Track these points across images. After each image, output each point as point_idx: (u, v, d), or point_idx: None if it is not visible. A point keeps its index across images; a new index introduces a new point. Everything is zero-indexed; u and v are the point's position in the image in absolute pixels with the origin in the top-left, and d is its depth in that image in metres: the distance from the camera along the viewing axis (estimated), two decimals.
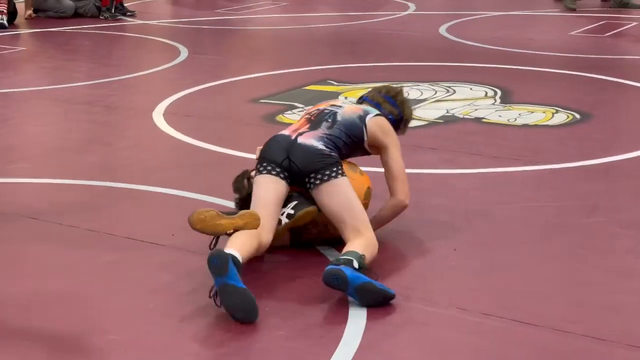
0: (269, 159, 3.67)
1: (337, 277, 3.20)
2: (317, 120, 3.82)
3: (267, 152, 3.70)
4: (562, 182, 4.66)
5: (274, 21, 10.60)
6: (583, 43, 8.85)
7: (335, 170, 3.62)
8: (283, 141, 3.71)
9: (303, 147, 3.66)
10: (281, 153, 3.66)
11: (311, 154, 3.64)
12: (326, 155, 3.65)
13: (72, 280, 3.50)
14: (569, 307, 3.22)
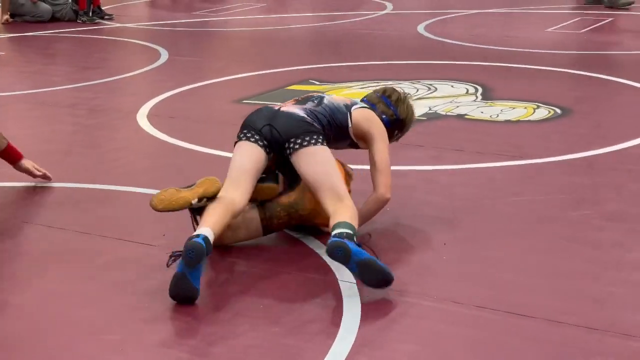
0: (249, 125, 3.72)
1: (341, 249, 3.23)
2: (303, 99, 3.89)
3: (249, 119, 3.76)
4: (546, 176, 4.72)
5: (253, 22, 10.62)
6: (560, 39, 8.95)
7: (315, 138, 3.64)
8: (265, 110, 3.78)
9: (285, 114, 3.73)
10: (262, 120, 3.71)
11: (293, 119, 3.68)
12: (308, 123, 3.68)
13: (66, 282, 3.50)
14: (560, 298, 3.27)
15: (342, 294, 3.32)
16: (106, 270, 3.60)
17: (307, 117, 3.71)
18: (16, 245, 3.93)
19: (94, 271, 3.59)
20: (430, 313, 3.18)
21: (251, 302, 3.29)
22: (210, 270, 3.55)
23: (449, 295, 3.30)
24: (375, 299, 3.29)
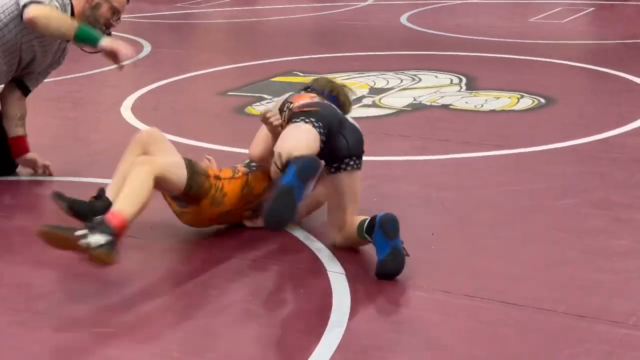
0: (326, 119, 3.48)
1: (394, 223, 3.36)
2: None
3: (324, 111, 3.53)
4: (532, 165, 4.74)
5: (235, 14, 10.59)
6: (543, 29, 8.97)
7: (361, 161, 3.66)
8: (336, 112, 3.62)
9: (354, 127, 3.65)
10: (336, 120, 3.55)
11: (359, 137, 3.65)
12: (363, 143, 3.68)
13: (60, 275, 3.49)
14: (549, 286, 3.28)
15: (332, 284, 3.32)
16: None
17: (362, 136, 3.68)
18: (6, 237, 3.91)
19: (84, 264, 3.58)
20: (420, 303, 3.19)
21: (241, 293, 3.29)
22: (198, 261, 3.54)
23: (439, 285, 3.30)
24: (365, 290, 3.29)
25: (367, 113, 5.84)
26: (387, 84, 6.64)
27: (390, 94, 6.32)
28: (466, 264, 3.51)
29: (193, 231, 3.82)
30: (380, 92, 6.39)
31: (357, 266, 3.49)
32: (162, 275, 3.47)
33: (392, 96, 6.27)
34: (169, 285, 3.39)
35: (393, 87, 6.54)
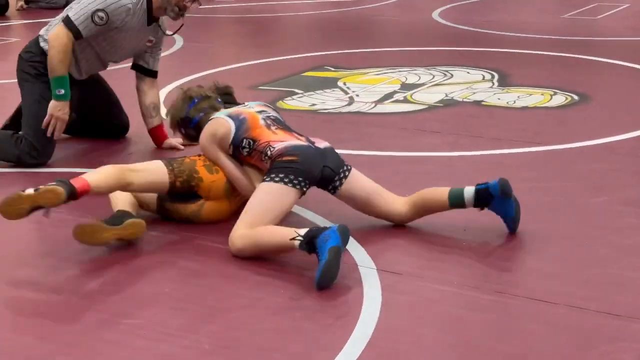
0: (305, 173, 3.63)
1: (507, 184, 3.70)
2: (285, 126, 3.92)
3: (302, 166, 3.63)
4: (564, 162, 4.70)
5: (266, 9, 10.60)
6: (576, 25, 8.90)
7: (348, 163, 3.82)
8: (313, 153, 3.70)
9: (329, 150, 3.78)
10: (317, 165, 3.68)
11: (335, 152, 3.79)
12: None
13: (89, 266, 3.51)
14: (581, 284, 3.26)
15: (362, 279, 3.32)
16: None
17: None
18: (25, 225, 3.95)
19: (113, 257, 3.60)
20: (451, 298, 3.18)
21: (272, 287, 3.29)
22: (228, 256, 3.55)
23: (470, 281, 3.29)
24: (396, 285, 3.29)
25: (398, 109, 5.83)
26: (418, 79, 6.62)
27: (422, 90, 6.30)
28: (496, 260, 3.49)
29: (219, 227, 3.82)
30: (412, 87, 6.37)
31: (388, 261, 3.49)
32: (193, 269, 3.48)
33: (424, 92, 6.24)
34: (199, 279, 3.40)
35: (425, 82, 6.52)
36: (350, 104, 5.96)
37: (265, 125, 3.83)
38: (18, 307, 3.22)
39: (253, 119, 3.85)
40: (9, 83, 6.75)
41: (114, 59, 4.96)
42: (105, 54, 4.84)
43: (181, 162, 3.84)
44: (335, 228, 3.31)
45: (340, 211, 3.94)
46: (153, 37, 4.87)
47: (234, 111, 3.93)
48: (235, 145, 3.83)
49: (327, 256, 3.23)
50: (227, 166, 3.84)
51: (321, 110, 5.83)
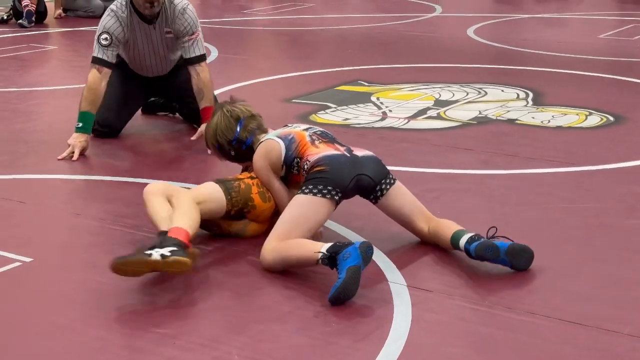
0: (336, 182, 3.60)
1: (490, 248, 3.48)
2: (331, 138, 3.89)
3: (333, 175, 3.61)
4: (599, 184, 4.66)
5: (301, 22, 10.64)
6: (613, 46, 8.84)
7: (392, 174, 3.79)
8: (344, 162, 3.68)
9: (368, 158, 3.75)
10: (349, 174, 3.64)
11: (377, 162, 3.78)
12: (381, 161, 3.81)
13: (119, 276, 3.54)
14: (614, 307, 3.22)
15: (393, 296, 3.32)
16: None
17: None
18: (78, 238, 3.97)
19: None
20: (482, 318, 3.16)
21: (303, 302, 3.29)
22: (259, 269, 3.56)
23: (501, 301, 3.27)
24: (426, 302, 3.28)
25: (432, 125, 5.82)
26: (452, 96, 6.61)
27: (456, 107, 6.28)
28: (528, 281, 3.47)
29: (250, 241, 3.83)
30: (446, 104, 6.36)
31: (419, 278, 3.48)
32: (223, 281, 3.49)
33: (458, 109, 6.23)
34: (229, 291, 3.41)
35: (458, 99, 6.51)
36: (383, 119, 5.96)
37: (310, 141, 3.83)
38: (48, 313, 3.25)
39: (301, 137, 3.85)
40: (49, 90, 6.84)
41: (158, 60, 5.39)
42: (144, 60, 5.34)
43: (238, 190, 3.80)
44: (357, 245, 3.27)
45: (374, 226, 3.94)
46: (169, 29, 5.23)
47: (283, 132, 3.92)
48: (287, 166, 3.83)
49: (344, 276, 3.21)
50: (278, 192, 3.85)
51: (354, 124, 5.83)
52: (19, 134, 5.64)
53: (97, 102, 5.08)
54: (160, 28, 5.20)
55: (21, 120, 5.97)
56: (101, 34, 5.07)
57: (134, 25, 5.15)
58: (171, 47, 5.36)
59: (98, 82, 5.04)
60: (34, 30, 9.69)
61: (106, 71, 5.09)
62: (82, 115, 5.06)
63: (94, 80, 5.04)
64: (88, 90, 5.04)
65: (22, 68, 7.80)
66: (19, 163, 5.01)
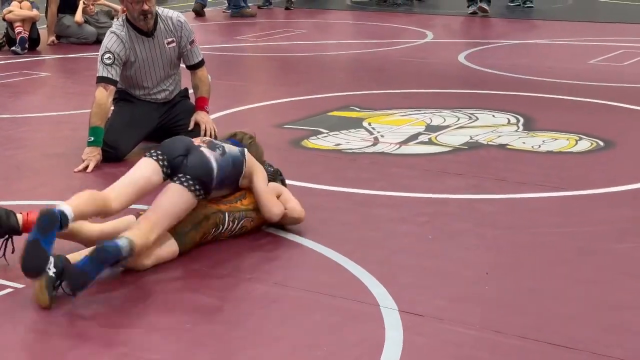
0: (165, 150, 3.91)
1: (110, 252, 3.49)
2: (211, 144, 4.06)
3: (166, 145, 3.96)
4: (589, 208, 4.69)
5: (294, 48, 10.68)
6: (602, 71, 8.90)
7: (194, 184, 3.83)
8: (184, 141, 4.00)
9: (200, 154, 3.91)
10: (179, 150, 3.91)
11: (203, 164, 3.88)
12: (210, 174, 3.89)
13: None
14: (604, 331, 3.24)
15: (384, 320, 3.32)
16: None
17: (215, 170, 3.91)
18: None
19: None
20: (472, 342, 3.17)
21: (293, 325, 3.30)
22: (248, 294, 3.56)
23: (491, 325, 3.28)
24: (417, 327, 3.28)
25: (423, 150, 5.84)
26: (443, 121, 6.64)
27: (447, 132, 6.31)
28: (519, 304, 3.48)
29: (241, 263, 3.84)
30: (437, 129, 6.39)
31: (410, 302, 3.48)
32: (214, 305, 3.49)
33: (449, 134, 6.26)
34: (220, 316, 3.41)
35: (450, 125, 6.54)
36: (375, 145, 5.99)
37: None
38: (40, 338, 3.24)
39: None
40: (41, 117, 6.85)
41: (159, 74, 5.52)
42: (145, 75, 5.46)
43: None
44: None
45: (364, 250, 3.96)
46: (171, 38, 5.42)
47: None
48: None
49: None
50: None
51: (346, 150, 5.85)
52: (11, 160, 5.64)
53: (105, 117, 5.30)
54: (160, 39, 5.40)
55: (13, 146, 5.98)
56: (104, 53, 5.24)
57: (133, 41, 5.34)
58: (172, 57, 5.54)
59: (105, 99, 5.24)
60: (27, 57, 9.71)
61: (112, 88, 5.29)
62: (93, 130, 5.24)
63: (101, 97, 5.23)
64: (97, 106, 5.23)
65: (15, 95, 7.82)
66: (10, 189, 5.02)
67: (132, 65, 5.40)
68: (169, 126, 5.67)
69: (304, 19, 13.32)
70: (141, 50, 5.36)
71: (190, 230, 3.90)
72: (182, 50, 5.51)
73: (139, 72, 5.45)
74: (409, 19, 13.31)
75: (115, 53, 5.24)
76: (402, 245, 4.11)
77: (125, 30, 5.32)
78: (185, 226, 3.88)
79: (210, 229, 3.99)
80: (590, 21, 12.97)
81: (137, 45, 5.36)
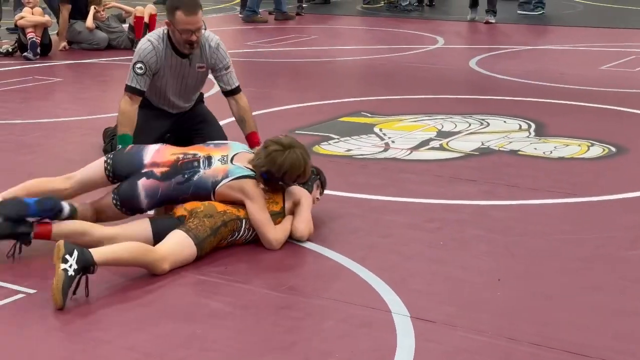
0: (117, 166, 4.24)
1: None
2: (179, 168, 4.18)
3: (120, 160, 4.26)
4: (601, 214, 4.67)
5: (304, 54, 10.70)
6: (614, 77, 8.88)
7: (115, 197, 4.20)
8: (136, 164, 4.20)
9: (133, 186, 4.16)
10: (127, 170, 4.20)
11: (131, 191, 4.15)
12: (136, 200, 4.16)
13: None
14: (617, 338, 3.23)
15: (396, 327, 3.32)
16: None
17: (143, 198, 4.15)
18: None
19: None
20: (485, 349, 3.16)
21: (305, 331, 3.30)
22: (260, 300, 3.57)
23: (504, 331, 3.27)
24: (429, 333, 3.28)
25: (434, 156, 5.84)
26: (455, 127, 6.63)
27: (458, 138, 6.31)
28: (532, 311, 3.47)
29: (252, 269, 3.84)
30: (448, 135, 6.39)
31: (422, 309, 3.48)
32: (224, 311, 3.50)
33: (460, 140, 6.25)
34: (231, 321, 3.42)
35: (461, 130, 6.53)
36: (386, 150, 5.99)
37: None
38: (50, 344, 3.25)
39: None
40: (53, 122, 6.88)
41: (183, 90, 5.43)
42: (170, 90, 5.37)
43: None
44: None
45: (376, 257, 3.95)
46: (203, 63, 5.25)
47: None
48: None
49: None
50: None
51: (357, 155, 5.86)
52: (24, 166, 5.66)
53: (133, 125, 5.24)
54: (193, 62, 5.26)
55: (25, 152, 6.01)
56: (137, 62, 5.14)
57: (168, 58, 5.22)
58: (201, 80, 5.46)
59: (129, 108, 5.18)
60: (39, 63, 9.75)
61: (138, 99, 5.23)
62: (121, 138, 5.22)
63: (126, 107, 5.18)
64: (122, 115, 5.20)
65: (27, 100, 7.85)
66: None
67: (160, 79, 5.33)
68: (185, 129, 5.66)
69: (315, 24, 13.34)
70: (172, 68, 5.26)
71: (209, 235, 3.96)
72: (217, 75, 5.32)
73: (164, 86, 5.39)
74: (419, 24, 13.32)
75: (147, 64, 5.13)
76: (413, 252, 4.11)
77: (163, 46, 5.16)
78: (204, 231, 3.95)
79: (227, 235, 4.06)
80: (601, 27, 12.95)
81: (170, 62, 5.24)
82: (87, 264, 3.54)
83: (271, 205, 4.23)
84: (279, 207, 4.26)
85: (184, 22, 4.92)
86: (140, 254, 3.73)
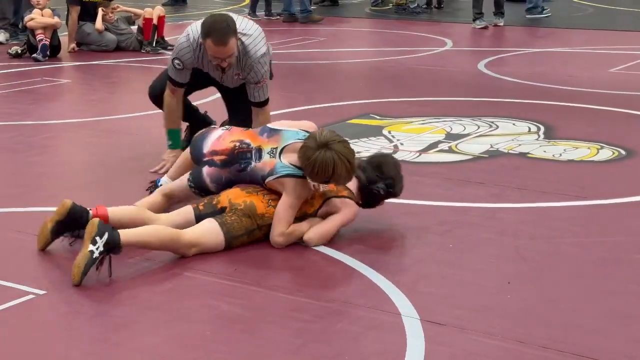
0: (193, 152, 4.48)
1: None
2: (236, 156, 4.32)
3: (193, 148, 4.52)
4: (611, 217, 4.66)
5: (313, 56, 10.70)
6: (624, 80, 8.86)
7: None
8: (199, 153, 4.42)
9: (200, 173, 4.37)
10: (195, 158, 4.45)
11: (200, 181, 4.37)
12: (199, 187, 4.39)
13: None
14: (628, 341, 3.22)
15: (406, 329, 3.31)
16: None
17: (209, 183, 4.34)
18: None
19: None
20: (496, 352, 3.15)
21: (314, 333, 3.29)
22: (268, 302, 3.56)
23: (514, 335, 3.26)
24: (439, 336, 3.27)
25: (443, 158, 5.83)
26: (463, 129, 6.63)
27: (467, 140, 6.30)
28: (542, 314, 3.46)
29: (262, 272, 3.84)
30: (457, 137, 6.38)
31: (432, 312, 3.47)
32: (235, 313, 3.50)
33: (469, 142, 6.24)
34: (241, 324, 3.41)
35: (470, 133, 6.52)
36: (395, 153, 5.98)
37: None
38: (61, 346, 3.26)
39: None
40: (62, 123, 6.89)
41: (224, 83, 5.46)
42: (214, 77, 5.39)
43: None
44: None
45: (385, 259, 3.95)
46: (238, 71, 5.21)
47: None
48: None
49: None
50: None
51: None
52: (33, 167, 5.67)
53: (179, 119, 5.41)
54: (229, 71, 5.17)
55: (35, 153, 6.02)
56: (175, 58, 5.16)
57: (204, 60, 5.16)
58: (239, 83, 5.40)
59: (171, 100, 5.32)
60: (48, 64, 9.77)
61: (179, 91, 5.33)
62: (169, 133, 5.43)
63: (169, 101, 5.33)
64: (165, 108, 5.37)
65: (36, 101, 7.86)
66: (32, 196, 5.04)
67: (203, 68, 5.27)
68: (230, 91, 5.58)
69: (323, 26, 13.33)
70: (210, 65, 5.15)
71: (242, 234, 4.08)
72: (247, 85, 5.28)
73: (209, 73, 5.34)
74: (428, 27, 13.31)
75: (184, 63, 5.13)
76: (423, 255, 4.11)
77: (199, 52, 5.08)
78: (239, 229, 4.07)
79: (260, 237, 4.16)
80: (611, 29, 12.92)
81: (206, 63, 5.16)
82: (113, 245, 3.71)
83: (306, 206, 4.24)
84: (312, 209, 4.26)
85: (214, 51, 4.87)
86: (168, 239, 3.91)
